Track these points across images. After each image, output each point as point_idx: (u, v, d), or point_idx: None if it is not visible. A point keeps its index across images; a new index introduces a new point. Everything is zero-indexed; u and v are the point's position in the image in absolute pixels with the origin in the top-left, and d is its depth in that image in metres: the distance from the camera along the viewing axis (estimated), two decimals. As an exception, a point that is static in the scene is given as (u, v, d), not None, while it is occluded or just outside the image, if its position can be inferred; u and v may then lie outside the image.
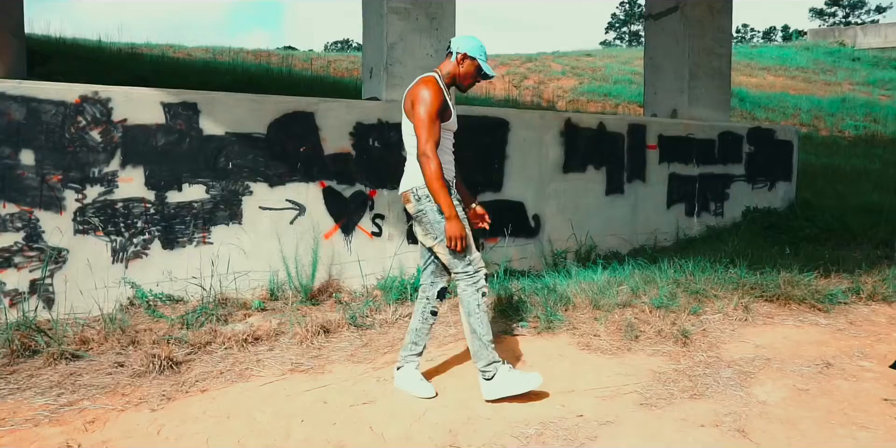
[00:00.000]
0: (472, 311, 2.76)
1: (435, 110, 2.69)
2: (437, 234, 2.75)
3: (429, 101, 2.68)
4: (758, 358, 3.08)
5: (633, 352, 3.23)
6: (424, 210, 2.76)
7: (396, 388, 2.86)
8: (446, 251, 2.75)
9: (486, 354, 2.74)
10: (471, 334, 2.77)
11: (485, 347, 2.74)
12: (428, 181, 2.67)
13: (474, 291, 2.76)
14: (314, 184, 4.80)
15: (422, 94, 2.70)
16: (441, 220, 2.72)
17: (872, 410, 2.51)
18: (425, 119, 2.67)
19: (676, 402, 2.60)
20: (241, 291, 4.53)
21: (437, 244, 2.78)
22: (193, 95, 4.43)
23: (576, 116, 5.90)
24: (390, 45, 5.18)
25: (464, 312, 2.79)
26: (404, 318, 3.99)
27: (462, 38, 2.93)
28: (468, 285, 2.76)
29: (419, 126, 2.68)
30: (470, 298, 2.76)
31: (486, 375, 2.73)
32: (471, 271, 2.76)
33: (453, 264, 2.77)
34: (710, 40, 6.75)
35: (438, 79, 2.84)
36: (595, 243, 5.91)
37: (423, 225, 2.80)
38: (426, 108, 2.68)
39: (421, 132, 2.67)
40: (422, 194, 2.75)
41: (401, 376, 2.88)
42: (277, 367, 3.13)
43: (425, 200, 2.75)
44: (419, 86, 2.75)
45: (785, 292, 3.88)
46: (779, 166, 7.24)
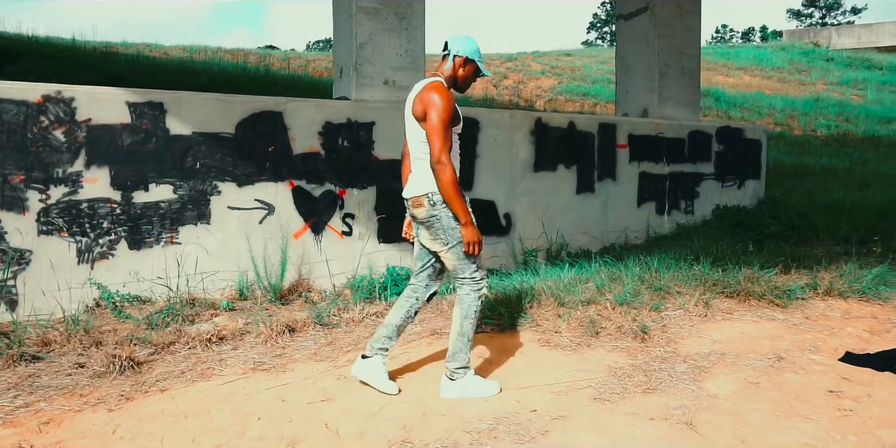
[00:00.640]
0: (468, 314, 2.82)
1: (448, 117, 2.70)
2: (449, 240, 2.77)
3: (442, 107, 2.68)
4: (713, 353, 3.14)
5: (592, 348, 3.28)
6: (439, 216, 2.76)
7: (355, 375, 2.87)
8: (455, 257, 2.78)
9: (463, 357, 2.81)
10: (458, 335, 2.82)
11: (465, 351, 2.81)
12: (444, 188, 2.68)
13: (476, 297, 2.82)
14: (283, 183, 4.80)
15: (434, 101, 2.69)
16: (455, 226, 2.74)
17: (818, 402, 2.57)
18: (439, 126, 2.67)
19: (629, 396, 2.65)
20: (210, 291, 4.52)
21: (448, 250, 2.79)
22: (159, 95, 4.41)
23: (546, 116, 5.95)
24: (359, 45, 5.19)
25: (460, 314, 2.83)
26: (371, 316, 4.01)
27: (460, 39, 2.90)
28: (472, 290, 2.82)
29: (433, 133, 2.67)
30: (470, 303, 2.81)
31: (453, 376, 2.80)
32: (477, 278, 2.82)
33: (461, 270, 2.80)
34: (679, 40, 6.84)
35: (445, 83, 2.84)
36: (566, 242, 5.97)
37: (434, 230, 2.79)
38: (439, 115, 2.67)
39: (435, 139, 2.67)
40: (437, 200, 2.75)
41: (366, 366, 2.87)
42: (239, 367, 3.14)
43: (440, 206, 2.75)
44: (430, 91, 2.73)
45: (745, 288, 3.96)
46: (748, 165, 7.35)
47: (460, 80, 2.91)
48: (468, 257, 2.77)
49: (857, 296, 3.97)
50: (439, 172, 2.67)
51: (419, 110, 2.74)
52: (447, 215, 2.75)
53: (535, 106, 15.04)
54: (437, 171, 2.68)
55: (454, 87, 2.93)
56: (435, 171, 2.69)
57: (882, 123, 14.62)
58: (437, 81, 2.80)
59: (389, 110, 5.17)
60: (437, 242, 2.81)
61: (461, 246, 2.75)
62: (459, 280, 2.83)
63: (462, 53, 2.86)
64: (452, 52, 2.87)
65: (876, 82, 19.35)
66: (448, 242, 2.77)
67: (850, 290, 3.98)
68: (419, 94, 2.77)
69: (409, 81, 5.40)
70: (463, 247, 2.73)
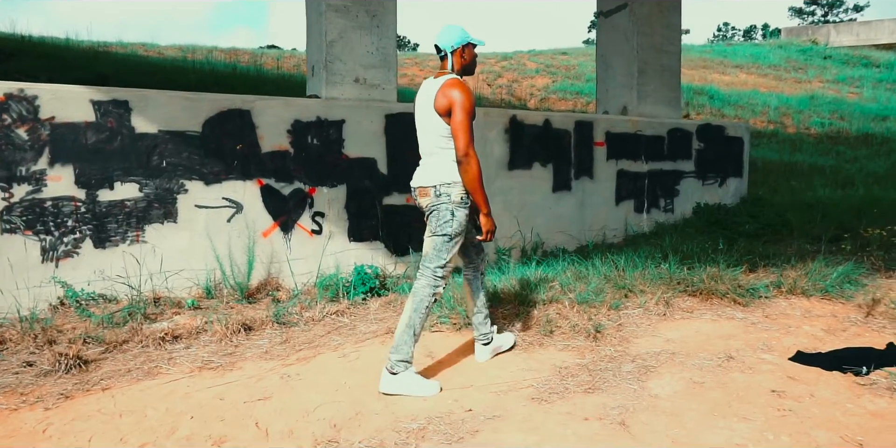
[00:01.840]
0: (419, 307, 2.88)
1: (472, 112, 2.84)
2: (436, 230, 2.90)
3: (467, 104, 2.80)
4: (664, 352, 3.10)
5: (544, 347, 3.25)
6: (438, 207, 2.89)
7: (482, 360, 3.13)
8: (433, 246, 2.91)
9: (407, 350, 2.84)
10: (406, 327, 2.86)
11: (409, 343, 2.85)
12: (471, 180, 2.82)
13: (431, 292, 2.90)
14: (251, 182, 4.78)
15: (458, 97, 2.81)
16: (449, 219, 2.87)
17: (758, 402, 2.54)
18: (466, 121, 2.80)
19: (569, 396, 2.62)
20: (178, 290, 4.51)
21: (431, 235, 2.93)
22: (124, 93, 4.39)
23: (521, 114, 5.92)
24: (329, 43, 5.17)
25: (411, 306, 2.89)
26: (331, 315, 3.99)
27: (445, 35, 2.99)
28: (429, 284, 2.90)
29: (459, 128, 2.79)
30: (424, 297, 2.89)
31: (394, 369, 2.81)
32: (439, 274, 2.91)
33: (430, 260, 2.91)
34: (658, 37, 6.80)
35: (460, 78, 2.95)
36: (542, 240, 5.94)
37: (430, 218, 2.93)
38: (465, 111, 2.80)
39: (462, 134, 2.79)
40: (443, 191, 2.88)
41: (489, 349, 3.14)
42: (188, 365, 3.12)
43: (444, 198, 2.88)
44: (451, 88, 2.83)
45: (707, 287, 3.92)
46: (729, 162, 7.30)
47: (468, 65, 3.04)
48: (442, 252, 2.89)
49: (821, 294, 3.93)
50: (467, 165, 2.80)
51: (443, 105, 2.83)
52: (446, 209, 2.87)
53: (527, 105, 14.99)
54: (465, 164, 2.81)
55: (466, 74, 3.06)
56: (462, 164, 2.82)
57: (876, 121, 14.52)
58: (454, 78, 2.90)
59: (360, 108, 5.15)
60: (428, 229, 2.94)
61: (444, 239, 2.87)
62: (424, 268, 2.92)
63: (456, 45, 2.97)
64: (448, 50, 2.98)
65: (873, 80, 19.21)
66: (434, 231, 2.90)
67: (813, 288, 3.94)
68: (441, 90, 2.85)
69: (380, 79, 5.37)
70: (441, 240, 2.87)
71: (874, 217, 5.69)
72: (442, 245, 2.88)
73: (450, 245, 2.90)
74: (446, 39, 2.97)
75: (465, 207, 2.90)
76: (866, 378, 2.76)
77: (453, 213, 2.86)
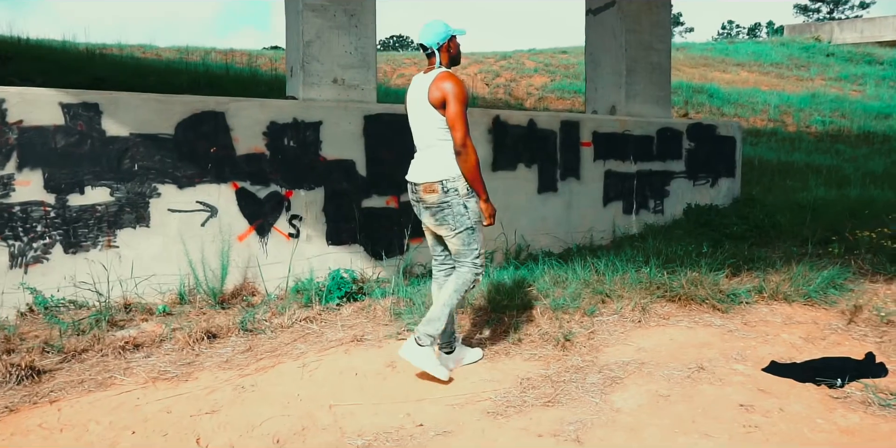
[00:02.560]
0: (458, 289, 2.97)
1: (466, 103, 2.90)
2: (457, 226, 2.93)
3: (461, 95, 2.86)
4: (633, 362, 2.99)
5: (510, 356, 3.15)
6: (450, 202, 2.91)
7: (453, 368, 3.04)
8: (461, 242, 2.95)
9: (438, 326, 2.93)
10: (443, 305, 2.96)
11: (441, 320, 2.92)
12: (470, 171, 2.87)
13: (472, 280, 3.00)
14: (226, 185, 4.70)
15: (453, 90, 2.85)
16: (464, 212, 2.91)
17: (724, 417, 2.42)
18: (461, 112, 2.86)
19: (527, 410, 2.51)
20: (150, 296, 4.43)
21: (455, 235, 2.95)
22: (94, 95, 4.32)
23: (505, 113, 5.81)
24: (307, 43, 5.08)
25: (451, 287, 2.98)
26: (301, 322, 3.90)
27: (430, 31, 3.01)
28: (471, 273, 2.99)
29: (456, 120, 2.84)
30: (465, 280, 2.98)
31: (420, 342, 2.92)
32: (478, 264, 3.00)
33: (464, 255, 2.98)
34: (647, 35, 6.67)
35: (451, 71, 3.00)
36: (527, 243, 5.83)
37: (443, 215, 2.94)
38: (460, 103, 2.85)
39: (459, 125, 2.85)
40: (450, 187, 2.90)
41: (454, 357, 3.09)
42: (143, 375, 3.03)
43: (452, 193, 2.90)
44: (444, 80, 2.88)
45: (687, 292, 3.79)
46: (721, 162, 7.16)
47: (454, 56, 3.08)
48: (472, 243, 2.96)
49: (803, 300, 3.80)
50: (465, 155, 2.85)
51: (437, 97, 2.87)
52: (458, 203, 2.90)
53: (524, 104, 14.88)
54: (465, 155, 2.85)
55: (454, 64, 3.10)
56: (461, 155, 2.86)
57: (878, 119, 14.32)
58: (447, 71, 2.95)
59: (337, 109, 5.06)
60: (444, 227, 2.96)
61: (466, 232, 2.93)
62: (461, 263, 3.01)
63: (441, 42, 3.00)
64: (434, 48, 3.01)
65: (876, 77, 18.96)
66: (456, 228, 2.93)
67: (795, 293, 3.81)
68: (434, 83, 2.89)
69: (359, 80, 5.28)
70: (467, 233, 2.93)
71: (866, 218, 5.54)
72: (468, 238, 2.95)
73: (475, 235, 2.97)
74: (430, 37, 3.00)
75: (473, 196, 2.95)
76: (840, 391, 2.64)
77: (465, 205, 2.92)
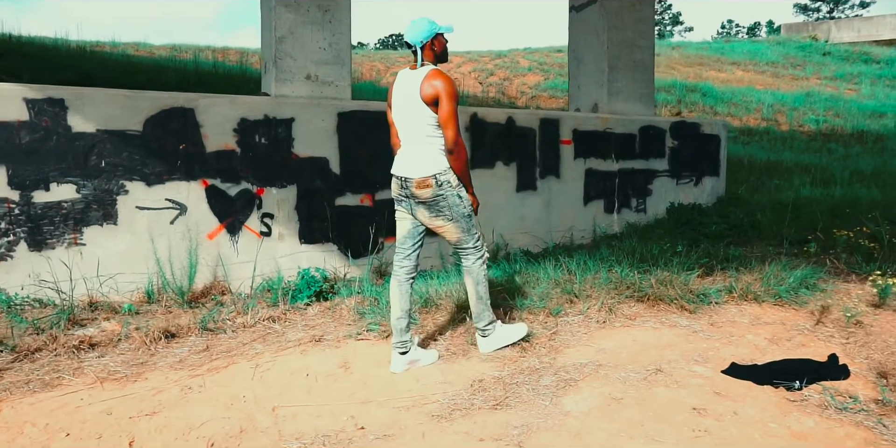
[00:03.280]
0: (479, 280, 3.14)
1: (457, 102, 2.96)
2: (454, 216, 3.05)
3: (453, 93, 2.93)
4: (591, 363, 2.91)
5: (467, 357, 3.08)
6: (445, 195, 3.01)
7: (396, 371, 3.03)
8: (459, 230, 3.08)
9: (488, 316, 3.18)
10: (477, 300, 3.14)
11: (487, 310, 3.17)
12: (462, 166, 3.00)
13: (481, 264, 3.15)
14: (196, 182, 4.64)
15: (446, 89, 2.91)
16: (459, 202, 3.03)
17: (675, 421, 2.35)
18: (454, 112, 2.93)
19: (473, 413, 2.45)
20: (118, 294, 4.37)
21: (452, 224, 3.06)
22: (60, 91, 4.26)
23: (482, 111, 5.74)
24: (279, 39, 5.01)
25: (472, 282, 3.14)
26: (264, 321, 3.83)
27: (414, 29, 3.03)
28: (477, 258, 3.14)
29: (448, 118, 2.92)
30: (478, 270, 3.15)
31: (485, 333, 3.18)
32: (479, 246, 3.16)
33: (465, 241, 3.12)
34: (630, 32, 6.59)
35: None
36: (505, 242, 5.76)
37: (439, 207, 3.03)
38: (452, 100, 2.92)
39: (451, 124, 2.92)
40: (443, 180, 2.99)
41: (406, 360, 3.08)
42: (92, 376, 2.97)
43: (446, 186, 3.00)
44: (436, 78, 2.93)
45: (656, 292, 3.72)
46: (705, 161, 7.09)
47: (439, 54, 3.10)
48: (472, 229, 3.10)
49: (774, 300, 3.72)
50: (457, 154, 2.96)
51: (430, 94, 2.92)
52: (452, 194, 3.01)
53: (516, 103, 14.81)
54: (456, 153, 2.96)
55: (440, 62, 3.13)
56: (453, 153, 2.96)
57: (873, 118, 14.22)
58: (436, 69, 3.00)
59: (310, 106, 4.99)
60: (441, 218, 3.05)
61: (464, 220, 3.06)
62: (464, 251, 3.15)
63: (424, 40, 3.02)
64: (419, 46, 3.03)
65: (872, 76, 18.85)
66: (453, 218, 3.04)
67: (766, 293, 3.73)
68: (427, 80, 2.93)
69: (333, 76, 5.21)
70: (465, 220, 3.05)
71: (847, 217, 5.46)
72: (467, 225, 3.08)
73: (472, 221, 3.11)
74: (414, 35, 3.02)
75: (463, 187, 3.07)
76: (798, 393, 2.57)
77: (459, 195, 3.03)
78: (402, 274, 3.15)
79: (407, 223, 3.15)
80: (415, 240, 3.16)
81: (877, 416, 2.36)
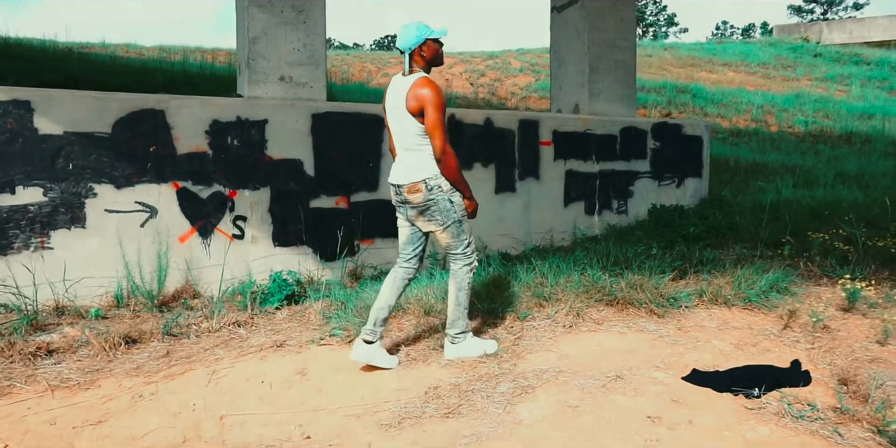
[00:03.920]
0: (462, 286, 3.16)
1: (444, 110, 2.95)
2: (445, 221, 3.05)
3: (438, 102, 2.91)
4: (551, 370, 2.86)
5: (427, 363, 3.03)
6: (435, 199, 3.01)
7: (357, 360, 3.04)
8: (450, 235, 3.08)
9: (462, 324, 3.17)
10: (455, 306, 3.15)
11: (462, 318, 3.16)
12: (452, 174, 2.99)
13: (468, 271, 3.17)
14: (166, 185, 4.58)
15: (430, 96, 2.90)
16: (450, 207, 3.03)
17: (628, 430, 2.30)
18: (440, 120, 2.92)
19: (424, 422, 2.40)
20: (86, 298, 4.30)
21: (444, 229, 3.07)
22: (25, 93, 4.20)
23: (460, 112, 5.70)
24: (252, 40, 4.96)
25: (454, 287, 3.16)
26: (230, 326, 3.78)
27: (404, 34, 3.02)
28: (465, 264, 3.15)
29: (434, 127, 2.91)
30: (463, 276, 3.16)
31: (454, 341, 3.17)
32: (468, 252, 3.17)
33: (455, 246, 3.13)
34: (612, 33, 6.55)
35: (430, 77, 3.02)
36: (484, 244, 5.72)
37: (430, 212, 3.05)
38: (437, 109, 2.91)
39: (438, 133, 2.91)
40: (433, 185, 3.00)
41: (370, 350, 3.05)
42: (44, 383, 2.91)
43: (437, 190, 3.00)
44: (421, 87, 2.92)
45: (625, 296, 3.68)
46: (688, 162, 7.05)
47: (430, 59, 3.08)
48: (461, 235, 3.11)
49: (743, 304, 3.68)
50: (446, 162, 2.95)
51: (414, 106, 2.93)
52: (443, 198, 3.01)
53: (506, 104, 14.77)
54: (444, 161, 2.95)
55: (434, 66, 3.13)
56: (442, 162, 2.95)
57: (862, 119, 14.22)
58: (424, 77, 2.98)
59: (283, 107, 4.94)
60: (433, 223, 3.07)
61: (455, 225, 3.06)
62: (453, 255, 3.17)
63: (413, 46, 3.02)
64: (408, 52, 3.04)
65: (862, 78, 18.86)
66: (444, 223, 3.05)
67: (736, 297, 3.69)
68: (411, 91, 2.94)
69: (307, 77, 5.16)
70: (455, 226, 3.05)
71: (825, 219, 5.43)
72: (457, 230, 3.09)
73: (463, 227, 3.11)
74: (403, 41, 3.03)
75: (457, 191, 3.06)
76: (757, 401, 2.53)
77: (451, 200, 3.03)
78: (401, 272, 3.21)
79: (406, 230, 3.21)
80: (415, 245, 3.21)
81: (833, 424, 2.31)
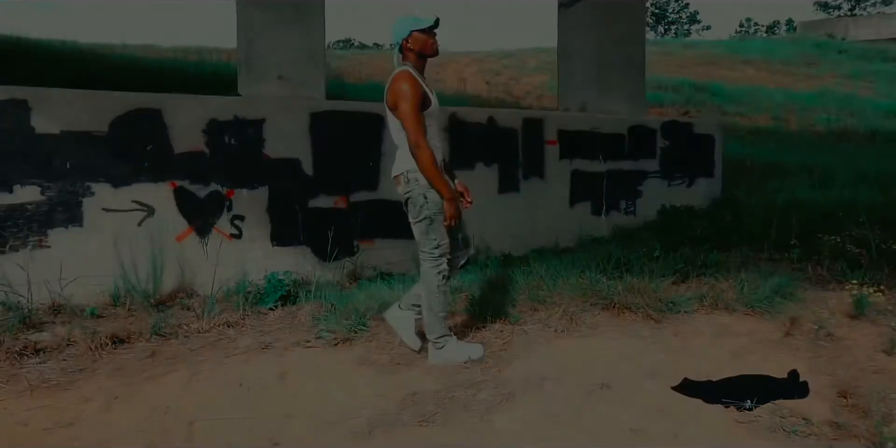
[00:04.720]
0: (431, 289, 3.05)
1: (416, 103, 2.88)
2: (416, 215, 3.00)
3: (409, 95, 2.87)
4: (536, 376, 2.75)
5: (411, 368, 2.95)
6: (412, 192, 2.98)
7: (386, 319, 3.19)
8: (419, 231, 3.03)
9: (438, 328, 3.07)
10: (427, 310, 3.06)
11: (438, 321, 3.06)
12: (424, 170, 2.90)
13: (436, 273, 3.04)
14: (164, 184, 4.56)
15: (401, 90, 2.88)
16: (423, 202, 2.96)
17: (608, 443, 2.18)
18: (412, 113, 2.87)
19: (397, 430, 2.31)
20: (83, 297, 4.30)
21: (414, 223, 3.04)
22: (22, 92, 4.20)
23: (462, 111, 5.61)
24: (250, 39, 4.93)
25: (424, 290, 3.08)
26: (220, 327, 3.74)
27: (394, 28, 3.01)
28: (431, 266, 3.05)
29: (406, 120, 2.88)
30: (431, 279, 3.05)
31: (437, 346, 3.08)
32: (436, 254, 3.04)
33: (422, 244, 3.05)
34: (620, 29, 6.41)
35: (412, 70, 2.98)
36: (487, 245, 5.62)
37: (408, 205, 3.04)
38: (408, 102, 2.87)
39: (409, 126, 2.88)
40: (411, 177, 2.98)
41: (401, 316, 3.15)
42: (24, 384, 2.88)
43: (413, 183, 2.97)
44: (395, 82, 2.92)
45: (622, 300, 3.56)
46: (699, 161, 6.88)
47: (422, 51, 3.02)
48: (430, 234, 3.00)
49: (746, 309, 3.54)
50: (418, 156, 2.88)
51: (391, 100, 2.93)
52: (418, 193, 2.96)
53: (520, 103, 14.64)
54: (417, 155, 2.88)
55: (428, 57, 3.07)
56: (415, 156, 2.89)
57: (888, 118, 13.82)
58: (401, 71, 2.95)
59: (282, 106, 4.90)
60: (410, 215, 3.05)
61: (424, 222, 2.98)
62: (421, 253, 3.08)
63: (399, 40, 3.00)
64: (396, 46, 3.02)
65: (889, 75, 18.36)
66: (416, 217, 3.01)
67: (738, 302, 3.55)
68: (389, 86, 2.95)
69: (306, 76, 5.11)
70: (424, 223, 2.97)
71: (839, 220, 5.23)
72: (426, 228, 3.00)
73: (433, 226, 2.99)
74: (393, 35, 3.03)
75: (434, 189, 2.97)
76: (749, 414, 2.40)
77: (425, 196, 2.96)
78: None
79: None
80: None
81: (828, 440, 2.19)
